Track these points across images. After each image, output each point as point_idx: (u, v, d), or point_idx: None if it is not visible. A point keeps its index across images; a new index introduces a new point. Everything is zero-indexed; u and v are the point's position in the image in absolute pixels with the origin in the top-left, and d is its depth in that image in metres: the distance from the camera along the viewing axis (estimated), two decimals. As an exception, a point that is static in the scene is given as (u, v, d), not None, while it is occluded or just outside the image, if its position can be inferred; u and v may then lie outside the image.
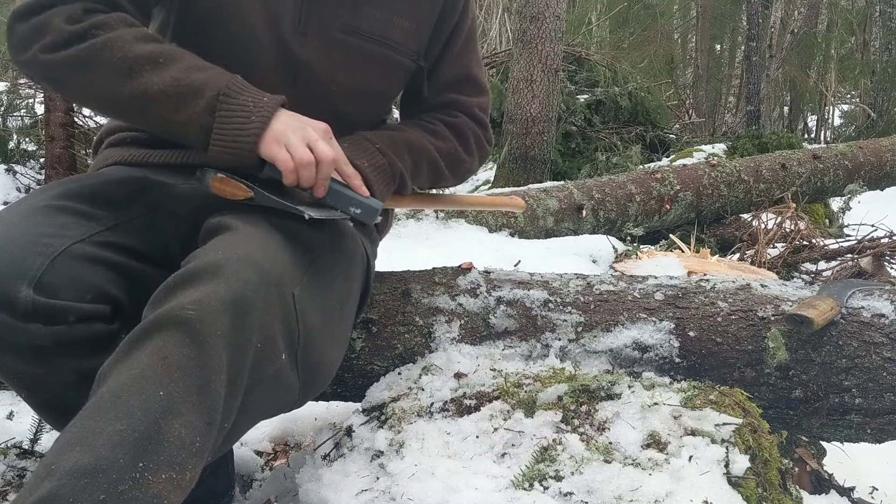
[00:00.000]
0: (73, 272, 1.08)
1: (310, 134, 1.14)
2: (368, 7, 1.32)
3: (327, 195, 1.18)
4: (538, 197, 3.45)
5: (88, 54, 1.12)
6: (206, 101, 1.11)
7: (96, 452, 0.86)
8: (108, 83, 1.13)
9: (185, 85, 1.11)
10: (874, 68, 10.65)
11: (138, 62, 1.12)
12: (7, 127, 5.30)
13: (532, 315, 1.42)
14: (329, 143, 1.17)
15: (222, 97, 1.11)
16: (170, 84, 1.11)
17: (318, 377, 1.15)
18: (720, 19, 13.62)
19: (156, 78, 1.11)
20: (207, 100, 1.11)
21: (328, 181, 1.16)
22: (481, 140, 1.50)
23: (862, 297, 1.38)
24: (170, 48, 1.17)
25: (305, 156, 1.12)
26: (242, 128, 1.11)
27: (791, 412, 1.35)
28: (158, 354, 0.93)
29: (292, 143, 1.12)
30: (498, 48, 8.79)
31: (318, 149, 1.13)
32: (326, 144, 1.15)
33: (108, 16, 1.16)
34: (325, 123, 1.18)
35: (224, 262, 1.01)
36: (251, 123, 1.11)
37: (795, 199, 3.65)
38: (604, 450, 1.12)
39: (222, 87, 1.12)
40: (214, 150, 1.11)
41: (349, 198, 1.20)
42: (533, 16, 5.16)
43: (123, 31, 1.14)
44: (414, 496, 1.08)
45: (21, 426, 1.71)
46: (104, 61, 1.12)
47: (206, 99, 1.11)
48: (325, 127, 1.18)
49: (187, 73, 1.12)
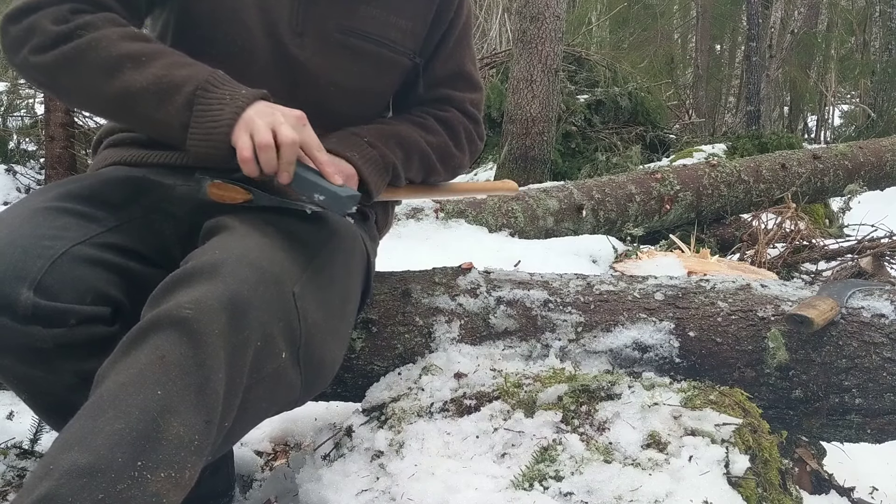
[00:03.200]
0: (74, 274, 1.08)
1: (276, 118, 1.10)
2: (365, 6, 1.32)
3: (293, 182, 1.12)
4: (538, 197, 3.45)
5: (74, 54, 1.12)
6: (184, 97, 1.10)
7: (95, 452, 0.86)
8: (92, 83, 1.13)
9: (165, 82, 1.10)
10: (874, 68, 10.65)
11: (121, 61, 1.12)
12: (7, 127, 5.30)
13: (532, 315, 1.42)
14: (298, 128, 1.12)
15: (199, 91, 1.10)
16: (151, 82, 1.10)
17: (319, 374, 1.15)
18: (720, 19, 13.61)
19: (137, 76, 1.11)
20: (185, 95, 1.10)
21: (293, 166, 1.11)
22: (472, 135, 1.50)
23: (862, 297, 1.38)
24: (155, 47, 1.16)
25: (265, 139, 1.07)
26: (216, 119, 1.09)
27: (791, 412, 1.35)
28: (156, 354, 0.93)
29: (257, 127, 1.08)
30: (498, 48, 8.79)
31: (280, 132, 1.08)
32: (290, 128, 1.10)
33: (94, 16, 1.16)
34: (300, 111, 1.14)
35: (222, 261, 1.01)
36: (225, 114, 1.09)
37: (795, 199, 3.64)
38: (604, 450, 1.12)
39: (201, 82, 1.11)
40: (191, 143, 1.10)
41: (313, 184, 1.12)
42: (533, 16, 5.16)
43: (109, 31, 1.14)
44: (414, 496, 1.08)
45: (21, 426, 1.71)
46: (89, 61, 1.12)
47: (184, 95, 1.10)
48: (297, 114, 1.14)
49: (168, 69, 1.12)
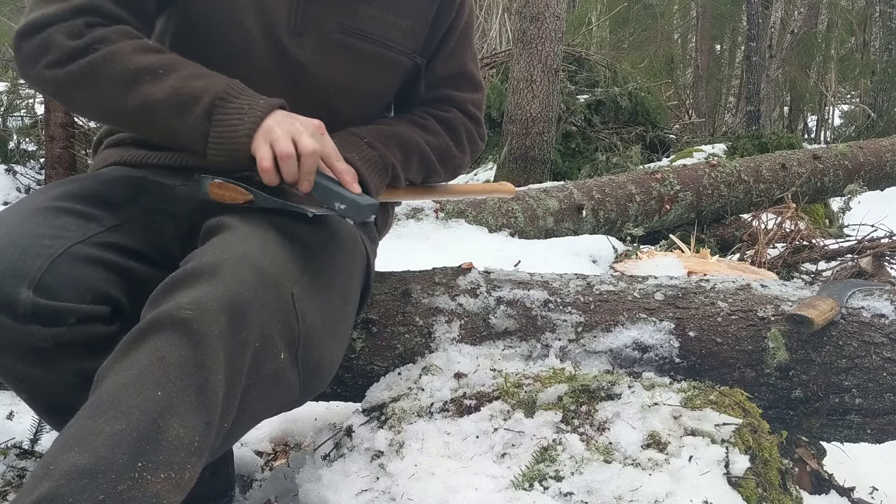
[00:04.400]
0: (73, 274, 1.08)
1: (296, 128, 1.12)
2: (365, 6, 1.32)
3: (313, 190, 1.15)
4: (538, 197, 3.45)
5: (90, 69, 1.13)
6: (203, 108, 1.11)
7: (95, 452, 0.86)
8: (110, 96, 1.14)
9: (184, 93, 1.11)
10: (874, 68, 10.64)
11: (139, 74, 1.12)
12: (7, 127, 5.30)
13: (532, 315, 1.42)
14: (317, 137, 1.14)
15: (218, 101, 1.11)
16: (170, 94, 1.11)
17: (318, 375, 1.15)
18: (720, 19, 13.61)
19: (156, 88, 1.12)
20: (205, 105, 1.11)
21: (313, 175, 1.13)
22: (473, 135, 1.50)
23: (862, 297, 1.38)
24: (170, 58, 1.17)
25: (286, 148, 1.10)
26: (235, 129, 1.10)
27: (791, 412, 1.35)
28: (156, 354, 0.93)
29: (277, 137, 1.10)
30: (498, 48, 8.78)
31: (300, 141, 1.11)
32: (310, 138, 1.12)
33: (108, 29, 1.16)
34: (318, 120, 1.17)
35: (222, 262, 1.01)
36: (244, 124, 1.11)
37: (795, 199, 3.64)
38: (604, 450, 1.12)
39: (220, 92, 1.12)
40: (211, 153, 1.11)
41: (334, 193, 1.15)
42: (533, 16, 5.16)
43: (123, 44, 1.15)
44: (414, 496, 1.08)
45: (21, 426, 1.71)
46: (105, 75, 1.13)
47: (204, 105, 1.11)
48: (316, 123, 1.16)
49: (186, 81, 1.13)
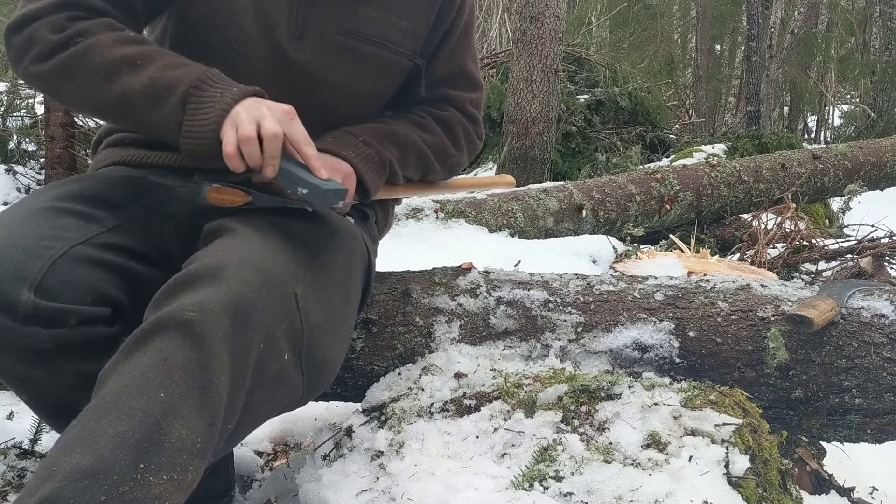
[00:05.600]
0: (74, 275, 1.08)
1: (261, 112, 1.08)
2: (366, 8, 1.32)
3: (278, 175, 1.10)
4: (538, 197, 3.45)
5: (71, 62, 1.13)
6: (178, 97, 1.10)
7: (97, 454, 0.86)
8: (91, 89, 1.14)
9: (160, 84, 1.11)
10: (874, 68, 10.64)
11: (117, 66, 1.12)
12: (7, 127, 5.30)
13: (532, 315, 1.42)
14: (285, 122, 1.10)
15: (192, 90, 1.10)
16: (146, 84, 1.11)
17: (322, 375, 1.15)
18: (720, 19, 13.61)
19: (133, 80, 1.11)
20: (179, 95, 1.10)
21: (277, 160, 1.09)
22: (471, 134, 1.50)
23: (862, 297, 1.38)
24: (150, 49, 1.16)
25: (247, 132, 1.06)
26: (206, 117, 1.09)
27: (791, 412, 1.35)
28: (159, 356, 0.93)
29: (241, 121, 1.07)
30: (498, 48, 8.78)
31: (263, 125, 1.07)
32: (274, 121, 1.08)
33: (90, 22, 1.16)
34: (289, 105, 1.12)
35: (225, 264, 1.01)
36: (213, 111, 1.09)
37: (795, 199, 3.64)
38: (604, 450, 1.12)
39: (194, 81, 1.11)
40: (183, 142, 1.10)
41: (297, 178, 1.10)
42: (533, 16, 5.16)
43: (104, 36, 1.15)
44: (414, 496, 1.08)
45: (21, 426, 1.71)
46: (86, 67, 1.13)
47: (178, 94, 1.10)
48: (285, 108, 1.12)
49: (163, 71, 1.12)
